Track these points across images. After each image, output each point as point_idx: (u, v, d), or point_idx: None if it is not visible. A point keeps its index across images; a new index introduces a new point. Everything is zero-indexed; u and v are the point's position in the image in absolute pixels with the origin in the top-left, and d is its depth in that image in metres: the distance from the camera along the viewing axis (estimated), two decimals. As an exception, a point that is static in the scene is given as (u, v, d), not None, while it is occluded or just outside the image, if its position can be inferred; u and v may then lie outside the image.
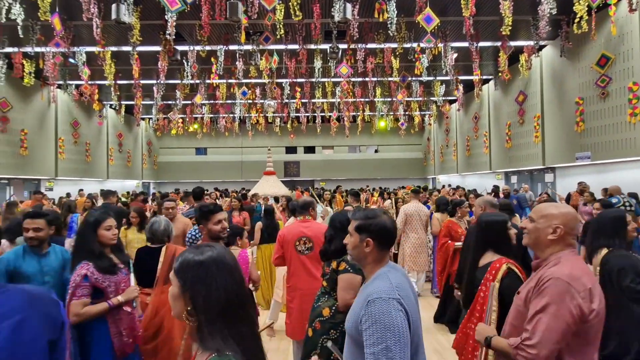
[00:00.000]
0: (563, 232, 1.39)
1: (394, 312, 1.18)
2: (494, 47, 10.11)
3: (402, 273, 1.40)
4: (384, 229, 1.38)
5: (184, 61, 9.19)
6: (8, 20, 6.37)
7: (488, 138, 13.80)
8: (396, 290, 1.25)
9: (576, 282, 1.29)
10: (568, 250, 1.40)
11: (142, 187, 19.35)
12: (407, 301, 1.25)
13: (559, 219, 1.41)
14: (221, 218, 2.27)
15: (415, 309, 1.30)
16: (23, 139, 11.53)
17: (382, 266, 1.37)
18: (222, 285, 0.97)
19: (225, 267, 1.00)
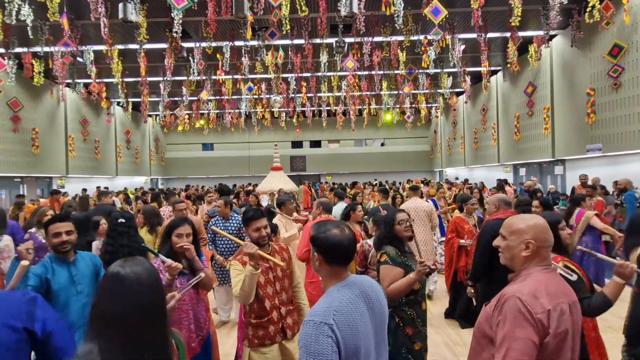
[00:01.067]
0: (536, 247, 1.32)
1: (321, 338, 1.15)
2: (502, 38, 9.94)
3: (358, 290, 1.30)
4: (329, 244, 1.30)
5: (190, 58, 9.21)
6: (18, 21, 6.43)
7: (496, 130, 13.64)
8: (332, 313, 1.19)
9: (533, 301, 1.22)
10: (540, 267, 1.32)
11: (150, 184, 19.57)
12: (343, 326, 1.18)
13: (529, 233, 1.33)
14: (260, 226, 2.19)
15: (359, 332, 1.22)
16: (34, 138, 11.71)
17: (336, 282, 1.31)
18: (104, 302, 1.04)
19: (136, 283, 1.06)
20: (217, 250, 4.14)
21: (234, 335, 4.06)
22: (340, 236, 1.32)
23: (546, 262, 1.35)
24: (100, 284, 1.10)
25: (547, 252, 1.35)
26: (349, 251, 1.33)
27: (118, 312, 1.02)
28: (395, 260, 2.22)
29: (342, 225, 1.37)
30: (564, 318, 1.24)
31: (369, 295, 1.32)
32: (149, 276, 1.09)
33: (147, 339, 1.05)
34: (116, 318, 1.02)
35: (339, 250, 1.31)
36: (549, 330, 1.21)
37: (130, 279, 1.05)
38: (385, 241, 2.32)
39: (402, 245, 2.32)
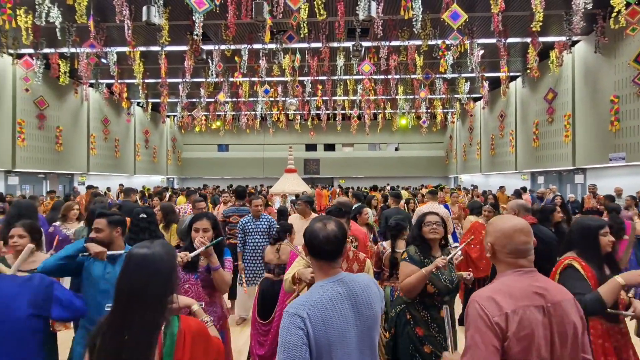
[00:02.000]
0: (493, 249, 1.32)
1: (292, 329, 1.17)
2: (522, 43, 9.77)
3: (346, 289, 1.28)
4: (307, 239, 1.33)
5: (209, 60, 9.40)
6: (47, 23, 6.70)
7: (514, 137, 13.37)
8: (308, 307, 1.20)
9: (490, 305, 1.21)
10: (512, 270, 1.29)
11: (166, 183, 19.96)
12: (316, 320, 1.18)
13: (491, 236, 1.34)
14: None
15: (335, 330, 1.21)
16: (58, 136, 12.13)
17: (324, 278, 1.30)
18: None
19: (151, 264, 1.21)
20: (245, 250, 4.15)
21: (247, 333, 4.09)
22: (317, 231, 1.31)
23: (514, 266, 1.30)
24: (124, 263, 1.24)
25: (510, 258, 1.30)
26: (325, 247, 1.29)
27: (122, 286, 1.18)
28: (413, 259, 2.27)
29: (328, 221, 1.35)
30: (530, 321, 1.20)
31: (357, 297, 1.29)
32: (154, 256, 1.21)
33: (130, 319, 1.15)
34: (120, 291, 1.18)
35: (314, 243, 1.31)
36: (508, 334, 1.18)
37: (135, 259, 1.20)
38: (414, 242, 2.37)
39: (428, 247, 2.33)
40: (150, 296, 1.17)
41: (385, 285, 3.04)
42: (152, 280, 1.18)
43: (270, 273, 3.01)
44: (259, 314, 2.90)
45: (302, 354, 1.15)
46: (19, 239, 2.26)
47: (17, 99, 10.57)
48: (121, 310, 1.16)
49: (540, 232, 2.84)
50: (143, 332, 1.15)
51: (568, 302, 1.28)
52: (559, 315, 1.24)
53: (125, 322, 1.14)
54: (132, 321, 1.14)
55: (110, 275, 2.08)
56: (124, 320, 1.15)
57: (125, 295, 1.17)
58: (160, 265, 1.21)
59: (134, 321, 1.14)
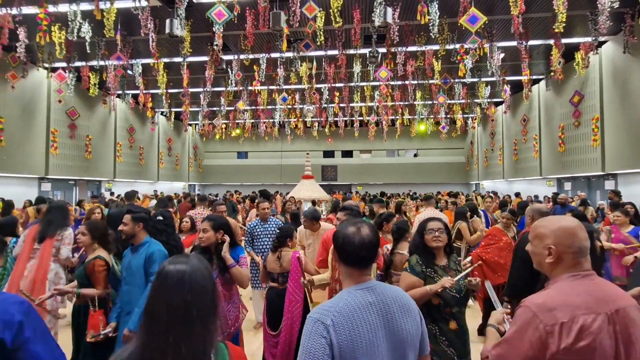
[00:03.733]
0: (557, 253, 1.21)
1: (313, 336, 1.12)
2: (545, 45, 9.50)
3: (376, 298, 1.19)
4: (339, 243, 1.24)
5: (228, 70, 9.66)
6: (78, 37, 7.11)
7: (538, 142, 12.93)
8: (333, 313, 1.13)
9: (545, 314, 1.12)
10: (569, 275, 1.20)
11: (188, 189, 20.47)
12: (341, 329, 1.11)
13: (550, 237, 1.22)
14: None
15: (362, 341, 1.12)
16: (88, 144, 12.74)
17: (352, 284, 1.22)
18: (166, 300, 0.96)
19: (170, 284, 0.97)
20: (254, 251, 4.23)
21: (261, 337, 4.11)
22: (351, 235, 1.23)
23: (577, 268, 1.21)
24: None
25: (575, 259, 1.21)
26: (360, 254, 1.21)
27: (158, 308, 0.95)
28: (414, 269, 2.16)
29: (362, 225, 1.26)
30: (591, 331, 1.10)
31: (388, 307, 1.19)
32: (193, 273, 0.99)
33: (173, 351, 0.92)
34: (156, 315, 0.94)
35: (347, 249, 1.22)
36: (562, 345, 1.09)
37: (172, 276, 0.97)
38: (416, 250, 2.25)
39: (431, 256, 2.19)
40: (197, 319, 0.95)
41: None
42: (196, 300, 0.96)
43: (275, 282, 2.92)
44: (268, 324, 2.87)
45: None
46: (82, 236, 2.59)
47: (51, 109, 11.22)
48: (158, 340, 0.92)
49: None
50: (201, 352, 0.95)
51: (633, 307, 1.18)
52: (624, 323, 1.15)
53: (166, 355, 0.91)
54: (175, 353, 0.92)
55: (133, 264, 2.40)
56: (164, 352, 0.91)
57: (163, 321, 0.93)
58: (203, 282, 1.00)
59: (179, 352, 0.92)
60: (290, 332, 2.68)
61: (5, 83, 9.55)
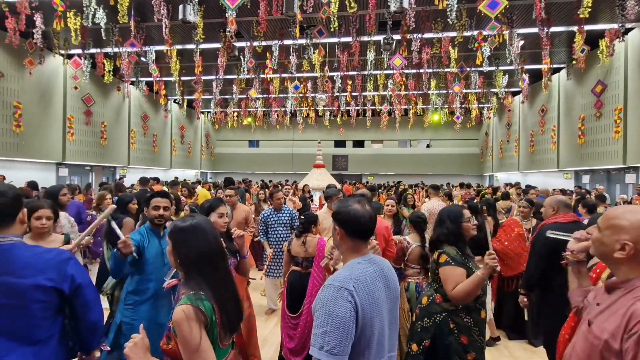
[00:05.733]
0: (633, 251, 1.09)
1: (340, 301, 1.19)
2: (567, 32, 9.12)
3: (377, 267, 1.35)
4: (351, 218, 1.35)
5: (240, 57, 9.60)
6: (93, 24, 7.15)
7: (556, 133, 12.56)
8: (353, 280, 1.24)
9: None
10: None
11: (200, 177, 20.72)
12: (362, 294, 1.23)
13: (630, 233, 1.09)
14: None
15: (375, 304, 1.26)
16: (103, 131, 12.94)
17: (358, 256, 1.36)
18: (195, 245, 1.31)
19: (200, 232, 1.33)
20: (268, 241, 4.25)
21: (273, 323, 4.17)
22: (361, 211, 1.36)
23: None
24: (172, 239, 1.34)
25: None
26: (369, 226, 1.37)
27: (193, 255, 1.30)
28: (456, 260, 2.06)
29: (362, 201, 1.41)
30: None
31: (386, 274, 1.37)
32: (201, 224, 1.36)
33: (221, 267, 1.34)
34: (195, 259, 1.30)
35: (359, 223, 1.35)
36: None
37: (194, 229, 1.34)
38: (449, 240, 2.13)
39: (463, 244, 2.14)
40: (217, 254, 1.35)
41: (409, 281, 2.97)
42: (214, 242, 1.35)
43: (298, 266, 2.97)
44: (288, 307, 2.92)
45: (350, 326, 1.18)
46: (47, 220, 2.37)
47: (67, 96, 11.39)
48: (205, 274, 1.29)
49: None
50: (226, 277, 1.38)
51: None
52: None
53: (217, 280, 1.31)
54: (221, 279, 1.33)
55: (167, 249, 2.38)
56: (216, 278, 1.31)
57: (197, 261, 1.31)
58: (211, 229, 1.38)
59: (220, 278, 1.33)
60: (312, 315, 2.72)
61: (23, 69, 9.72)
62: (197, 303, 1.21)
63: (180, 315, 1.18)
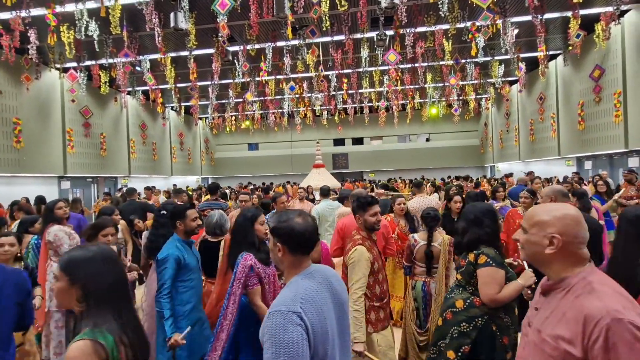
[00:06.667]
0: (562, 243, 1.09)
1: (289, 327, 1.12)
2: (562, 18, 9.06)
3: (321, 278, 1.30)
4: (291, 233, 1.29)
5: (235, 61, 9.61)
6: (86, 36, 7.17)
7: (556, 120, 12.49)
8: (300, 301, 1.17)
9: (633, 315, 0.97)
10: (589, 267, 1.09)
11: (201, 182, 20.76)
12: (311, 313, 1.17)
13: (555, 226, 1.10)
14: (377, 211, 2.41)
15: (325, 319, 1.21)
16: (102, 142, 12.99)
17: (300, 271, 1.29)
18: (101, 275, 1.21)
19: (106, 260, 1.24)
20: None
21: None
22: (303, 224, 1.31)
23: (585, 258, 1.10)
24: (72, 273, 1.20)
25: (581, 250, 1.11)
26: (313, 239, 1.32)
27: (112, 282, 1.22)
28: (497, 261, 1.99)
29: (303, 214, 1.35)
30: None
31: (331, 283, 1.33)
32: (107, 251, 1.28)
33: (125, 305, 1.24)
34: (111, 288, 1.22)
35: (303, 238, 1.29)
36: None
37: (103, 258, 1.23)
38: (489, 241, 2.07)
39: (501, 246, 2.11)
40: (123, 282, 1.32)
41: (417, 279, 2.96)
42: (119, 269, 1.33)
43: None
44: None
45: (304, 350, 1.12)
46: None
47: (65, 109, 11.44)
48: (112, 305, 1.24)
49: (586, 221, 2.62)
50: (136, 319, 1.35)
51: None
52: None
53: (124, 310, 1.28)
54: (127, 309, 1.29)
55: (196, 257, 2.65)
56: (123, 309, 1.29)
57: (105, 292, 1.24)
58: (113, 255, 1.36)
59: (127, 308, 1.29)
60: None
61: (21, 85, 9.77)
62: (97, 337, 1.12)
63: (74, 353, 1.08)
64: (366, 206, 2.38)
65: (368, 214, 2.37)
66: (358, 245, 2.29)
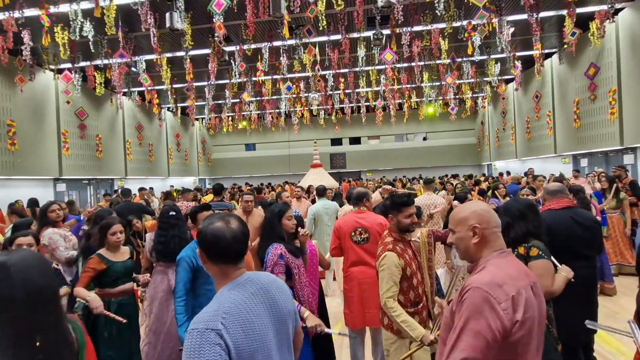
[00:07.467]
0: (482, 230, 1.26)
1: (205, 347, 1.02)
2: (557, 17, 9.10)
3: (255, 288, 1.18)
4: (208, 240, 1.16)
5: (231, 61, 9.57)
6: (81, 37, 7.11)
7: (552, 118, 12.55)
8: (222, 316, 1.07)
9: (496, 291, 1.12)
10: (497, 252, 1.26)
11: (198, 183, 20.68)
12: (234, 329, 1.07)
13: (473, 218, 1.28)
14: (412, 212, 2.30)
15: (255, 334, 1.11)
16: (98, 143, 12.90)
17: (227, 282, 1.17)
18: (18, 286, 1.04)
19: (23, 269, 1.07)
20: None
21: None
22: (222, 230, 1.16)
23: (499, 245, 1.29)
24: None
25: (496, 236, 1.29)
26: (233, 247, 1.17)
27: (6, 298, 1.04)
28: (547, 253, 2.02)
29: (229, 218, 1.21)
30: (530, 302, 1.16)
31: (268, 292, 1.20)
32: (36, 261, 1.11)
33: (38, 322, 1.06)
34: (5, 305, 1.04)
35: (219, 245, 1.16)
36: (517, 318, 1.11)
37: (17, 266, 1.06)
38: (536, 234, 2.09)
39: (545, 241, 2.13)
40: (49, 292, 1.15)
41: None
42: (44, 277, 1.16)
43: None
44: None
45: None
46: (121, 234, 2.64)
47: (60, 111, 11.35)
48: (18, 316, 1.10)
49: (581, 216, 2.62)
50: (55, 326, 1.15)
51: (538, 283, 1.28)
52: (539, 295, 1.25)
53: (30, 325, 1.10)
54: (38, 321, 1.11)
55: None
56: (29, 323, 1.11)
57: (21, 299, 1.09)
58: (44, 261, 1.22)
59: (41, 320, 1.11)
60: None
61: (15, 87, 9.68)
62: None
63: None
64: (401, 207, 2.24)
65: (403, 215, 2.23)
66: (387, 251, 2.19)
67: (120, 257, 2.66)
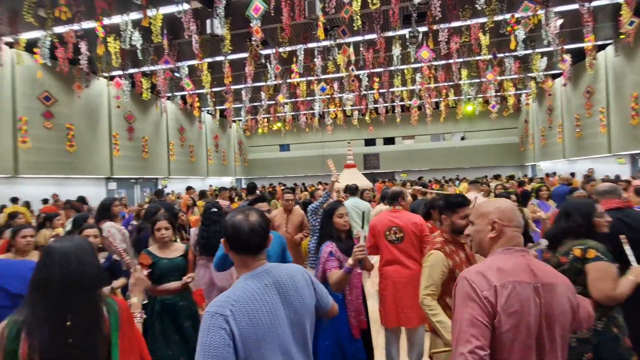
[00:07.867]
0: (501, 226, 1.32)
1: (213, 330, 1.09)
2: (612, 5, 8.39)
3: (270, 279, 1.22)
4: (229, 232, 1.25)
5: (267, 64, 9.82)
6: (131, 46, 7.63)
7: (606, 115, 11.59)
8: (231, 303, 1.13)
9: (479, 279, 1.20)
10: (502, 248, 1.30)
11: (235, 183, 21.39)
12: (241, 317, 1.11)
13: (495, 213, 1.34)
14: (468, 213, 2.22)
15: (262, 324, 1.14)
16: (144, 145, 13.77)
17: (246, 272, 1.24)
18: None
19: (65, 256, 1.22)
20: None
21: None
22: (241, 222, 1.25)
23: (511, 243, 1.31)
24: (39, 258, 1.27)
25: (511, 232, 1.31)
26: (252, 240, 1.24)
27: (45, 280, 1.19)
28: (608, 256, 1.84)
29: (250, 212, 1.29)
30: (519, 298, 1.17)
31: (284, 285, 1.24)
32: (77, 249, 1.24)
33: (71, 305, 1.18)
34: (43, 285, 1.19)
35: (237, 238, 1.24)
36: (497, 308, 1.16)
37: (57, 252, 1.22)
38: (578, 234, 1.93)
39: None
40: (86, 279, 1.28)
41: None
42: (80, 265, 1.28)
43: None
44: None
45: (225, 355, 1.08)
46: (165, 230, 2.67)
47: (111, 115, 12.25)
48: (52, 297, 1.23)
49: (631, 217, 2.41)
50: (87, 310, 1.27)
51: (562, 285, 1.25)
52: (549, 297, 1.22)
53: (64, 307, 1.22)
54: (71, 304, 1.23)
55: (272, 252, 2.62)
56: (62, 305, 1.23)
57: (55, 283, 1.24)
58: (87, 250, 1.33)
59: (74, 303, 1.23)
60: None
61: (73, 94, 10.59)
62: (7, 325, 1.17)
63: None
64: (456, 207, 2.16)
65: (458, 215, 2.14)
66: (435, 249, 2.12)
67: (169, 254, 2.64)
